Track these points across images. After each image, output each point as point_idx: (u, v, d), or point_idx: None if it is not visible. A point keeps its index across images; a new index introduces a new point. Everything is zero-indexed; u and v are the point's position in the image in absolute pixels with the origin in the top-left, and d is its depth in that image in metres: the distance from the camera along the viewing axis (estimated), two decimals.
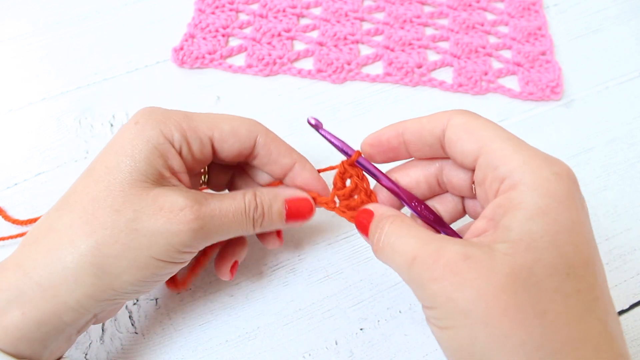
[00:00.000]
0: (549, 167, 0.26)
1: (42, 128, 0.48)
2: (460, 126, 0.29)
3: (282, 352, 0.38)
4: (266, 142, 0.35)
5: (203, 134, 0.33)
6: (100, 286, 0.29)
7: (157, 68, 0.52)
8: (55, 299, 0.29)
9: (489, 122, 0.29)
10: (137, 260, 0.30)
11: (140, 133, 0.31)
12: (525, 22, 0.57)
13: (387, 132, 0.33)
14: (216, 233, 0.32)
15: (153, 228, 0.30)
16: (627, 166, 0.48)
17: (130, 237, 0.30)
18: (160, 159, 0.31)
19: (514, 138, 0.28)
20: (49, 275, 0.29)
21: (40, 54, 0.53)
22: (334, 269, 0.42)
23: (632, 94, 0.53)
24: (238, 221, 0.33)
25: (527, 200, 0.25)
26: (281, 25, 0.55)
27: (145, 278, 0.31)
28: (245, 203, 0.33)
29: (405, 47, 0.55)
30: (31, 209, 0.43)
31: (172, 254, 0.30)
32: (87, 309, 0.30)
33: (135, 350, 0.38)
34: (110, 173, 0.31)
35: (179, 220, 0.30)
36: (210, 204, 0.32)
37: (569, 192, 0.25)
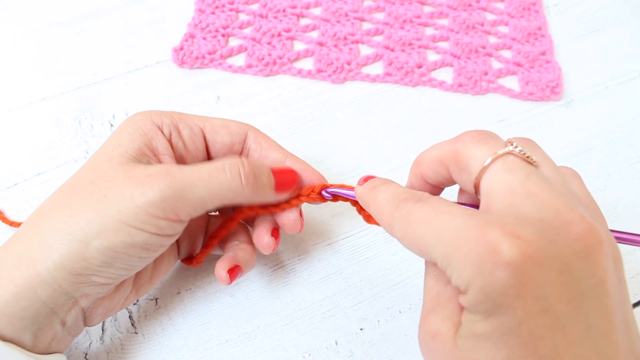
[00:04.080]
0: (480, 267, 0.22)
1: (42, 128, 0.48)
2: (403, 241, 0.27)
3: (282, 352, 0.38)
4: (257, 137, 0.37)
5: (194, 124, 0.36)
6: (70, 254, 0.29)
7: (157, 68, 0.53)
8: (29, 269, 0.29)
9: (419, 225, 0.26)
10: (106, 225, 0.30)
11: (130, 121, 0.34)
12: (525, 22, 0.58)
13: (363, 199, 0.32)
14: (191, 193, 0.31)
15: (121, 193, 0.30)
16: (627, 166, 0.48)
17: (100, 203, 0.30)
18: (142, 137, 0.33)
19: (446, 231, 0.24)
20: (26, 246, 0.30)
21: (40, 54, 0.53)
22: (334, 269, 0.42)
23: (632, 94, 0.53)
24: (216, 178, 0.32)
25: (470, 308, 0.23)
26: (281, 25, 0.55)
27: (116, 247, 0.30)
28: (225, 164, 0.33)
29: (405, 47, 0.55)
30: (31, 209, 0.43)
31: (142, 217, 0.30)
32: (61, 284, 0.30)
33: (135, 350, 0.38)
34: (96, 154, 0.33)
35: (146, 184, 0.31)
36: (183, 167, 0.32)
37: (507, 290, 0.22)
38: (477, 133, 0.27)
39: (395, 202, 0.28)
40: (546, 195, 0.24)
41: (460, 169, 0.27)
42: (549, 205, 0.24)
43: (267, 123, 0.49)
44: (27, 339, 0.30)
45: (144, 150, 0.33)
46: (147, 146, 0.33)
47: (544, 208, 0.23)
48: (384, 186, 0.30)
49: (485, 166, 0.25)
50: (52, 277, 0.29)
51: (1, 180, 0.45)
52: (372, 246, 0.43)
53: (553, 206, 0.24)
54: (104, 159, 0.32)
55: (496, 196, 0.25)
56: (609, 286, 0.23)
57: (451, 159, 0.28)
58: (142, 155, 0.33)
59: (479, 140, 0.27)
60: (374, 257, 0.42)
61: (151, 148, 0.34)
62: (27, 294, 0.29)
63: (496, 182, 0.25)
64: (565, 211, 0.23)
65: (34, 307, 0.30)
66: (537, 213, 0.23)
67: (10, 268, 0.30)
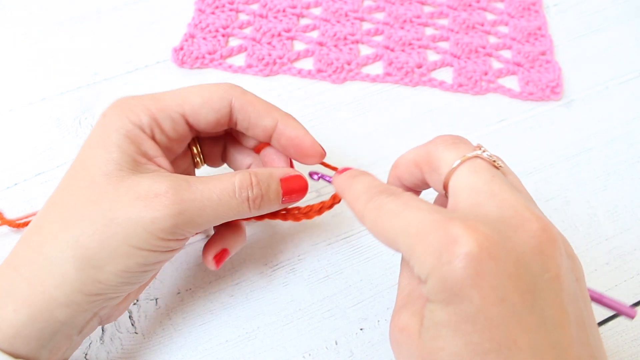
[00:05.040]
0: (440, 256, 0.23)
1: (42, 128, 0.48)
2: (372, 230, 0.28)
3: (282, 352, 0.38)
4: (242, 105, 0.34)
5: (173, 112, 0.33)
6: (85, 279, 0.29)
7: (157, 68, 0.52)
8: (44, 294, 0.29)
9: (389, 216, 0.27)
10: (117, 250, 0.29)
11: (109, 124, 0.32)
12: (525, 22, 0.58)
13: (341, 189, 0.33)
14: (201, 217, 0.31)
15: (129, 216, 0.29)
16: (627, 166, 0.48)
17: (107, 228, 0.29)
18: (132, 145, 0.31)
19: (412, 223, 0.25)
20: (36, 272, 0.29)
21: (40, 54, 0.53)
22: (334, 269, 0.42)
23: (632, 94, 0.53)
24: (226, 203, 0.31)
25: (430, 297, 0.24)
26: (281, 25, 0.55)
27: (130, 268, 0.30)
28: (235, 184, 0.32)
29: (405, 47, 0.55)
30: (31, 209, 0.43)
31: (152, 241, 0.30)
32: (79, 304, 0.30)
33: (135, 350, 0.38)
34: (85, 167, 0.31)
35: (155, 207, 0.29)
36: (191, 186, 0.31)
37: (464, 278, 0.23)
38: (449, 137, 0.29)
39: (369, 194, 0.29)
40: (507, 196, 0.26)
41: (431, 170, 0.29)
42: (509, 205, 0.25)
43: None
44: (42, 356, 0.30)
45: (138, 158, 0.31)
46: (138, 154, 0.31)
47: (504, 207, 0.25)
48: (360, 177, 0.31)
49: (453, 167, 0.27)
50: (70, 300, 0.29)
51: (1, 180, 0.45)
52: (372, 246, 0.43)
53: (512, 205, 0.25)
54: (99, 173, 0.30)
55: (462, 195, 0.27)
56: (563, 280, 0.24)
57: (424, 161, 0.29)
58: (137, 164, 0.31)
59: (450, 143, 0.29)
60: (374, 257, 0.42)
61: (143, 154, 0.32)
62: (44, 316, 0.29)
63: (462, 183, 0.27)
64: (523, 210, 0.25)
65: (51, 328, 0.29)
66: (498, 211, 0.25)
67: (24, 290, 0.29)
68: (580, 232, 0.44)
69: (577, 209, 0.46)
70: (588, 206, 0.46)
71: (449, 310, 0.23)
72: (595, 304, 0.28)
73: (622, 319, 0.41)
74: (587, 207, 0.46)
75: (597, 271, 0.42)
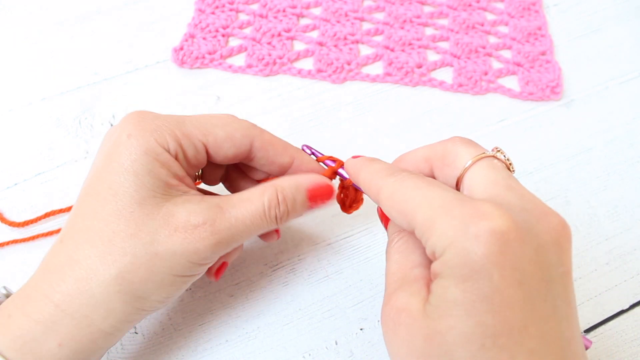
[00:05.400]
0: (467, 230, 0.23)
1: (42, 128, 0.48)
2: (388, 202, 0.28)
3: (282, 352, 0.38)
4: (263, 146, 0.35)
5: (197, 141, 0.33)
6: (130, 310, 0.30)
7: (157, 68, 0.52)
8: (90, 327, 0.29)
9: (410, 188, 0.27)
10: (162, 281, 0.30)
11: (137, 146, 0.30)
12: (525, 22, 0.58)
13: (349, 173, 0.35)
14: (236, 241, 0.32)
15: (172, 249, 0.30)
16: (627, 166, 0.48)
17: (152, 262, 0.30)
18: (164, 169, 0.31)
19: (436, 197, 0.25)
20: (79, 308, 0.29)
21: (40, 54, 0.53)
22: (334, 269, 0.42)
23: (632, 94, 0.53)
24: (257, 225, 0.32)
25: (445, 271, 0.24)
26: (281, 25, 0.55)
27: (172, 294, 0.32)
28: (264, 204, 0.32)
29: (405, 47, 0.55)
30: (31, 209, 0.43)
31: (194, 268, 0.31)
32: (121, 330, 0.31)
33: (135, 350, 0.38)
34: (116, 194, 0.30)
35: (196, 239, 0.30)
36: (225, 213, 0.31)
37: (488, 255, 0.23)
38: (467, 139, 0.30)
39: (390, 170, 0.30)
40: (525, 191, 0.27)
41: (444, 165, 0.30)
42: (529, 199, 0.26)
43: (267, 123, 0.49)
44: None
45: (170, 182, 0.31)
46: (171, 177, 0.31)
47: (524, 199, 0.26)
48: (379, 160, 0.33)
49: (472, 162, 0.28)
50: (115, 329, 0.30)
51: (1, 180, 0.45)
52: (372, 246, 0.43)
53: (532, 199, 0.26)
54: (130, 202, 0.30)
55: (479, 187, 0.27)
56: (571, 277, 0.25)
57: (438, 156, 0.30)
58: (169, 188, 0.31)
59: (468, 142, 0.30)
60: (374, 257, 0.42)
61: (175, 176, 0.32)
62: (88, 347, 0.30)
63: (480, 176, 0.28)
64: (542, 204, 0.26)
65: (92, 354, 0.30)
66: (519, 202, 0.25)
67: (68, 326, 0.29)
68: (580, 232, 0.44)
69: (577, 209, 0.46)
70: (588, 206, 0.46)
71: (464, 287, 0.23)
72: None
73: (622, 319, 0.41)
74: (587, 207, 0.46)
75: (597, 271, 0.42)
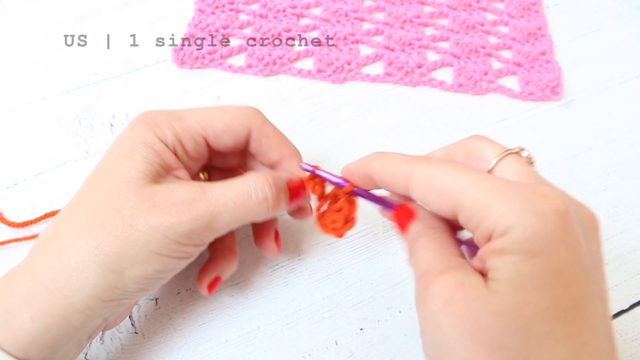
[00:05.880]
0: (532, 207, 0.24)
1: (42, 128, 0.48)
2: (422, 187, 0.28)
3: (282, 352, 0.38)
4: (258, 136, 0.36)
5: (196, 134, 0.34)
6: (104, 285, 0.30)
7: (157, 68, 0.52)
8: (62, 301, 0.29)
9: (449, 171, 0.27)
10: (137, 256, 0.30)
11: (137, 136, 0.33)
12: (525, 22, 0.57)
13: (357, 171, 0.33)
14: (217, 222, 0.31)
15: (148, 223, 0.30)
16: (627, 166, 0.48)
17: (128, 234, 0.30)
18: (157, 158, 0.32)
19: (484, 180, 0.26)
20: (54, 278, 0.29)
21: (40, 54, 0.53)
22: (334, 269, 0.42)
23: (632, 94, 0.53)
24: (242, 206, 0.32)
25: (513, 247, 0.24)
26: (281, 25, 0.55)
27: (148, 274, 0.31)
28: (250, 186, 0.32)
29: (405, 47, 0.55)
30: (31, 209, 0.43)
31: (171, 247, 0.30)
32: (94, 310, 0.30)
33: (135, 350, 0.38)
34: (110, 174, 0.32)
35: (172, 214, 0.30)
36: (206, 193, 0.32)
37: (555, 232, 0.24)
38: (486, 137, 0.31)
39: (417, 157, 0.30)
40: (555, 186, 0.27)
41: (469, 160, 0.30)
42: (562, 191, 0.27)
43: None
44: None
45: (160, 171, 0.32)
46: (161, 166, 0.32)
47: (559, 191, 0.26)
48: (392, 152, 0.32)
49: (501, 157, 0.28)
50: (86, 307, 0.30)
51: (1, 180, 0.45)
52: (372, 246, 0.43)
53: (565, 192, 0.27)
54: (120, 180, 0.31)
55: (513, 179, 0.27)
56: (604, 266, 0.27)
57: (462, 153, 0.30)
58: (159, 176, 0.32)
59: (490, 140, 0.30)
60: (374, 257, 0.42)
61: (165, 167, 0.33)
62: (60, 324, 0.29)
63: (510, 170, 0.28)
64: (575, 198, 0.27)
65: (66, 335, 0.30)
66: (556, 192, 0.26)
67: (41, 297, 0.29)
68: None
69: None
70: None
71: (535, 262, 0.24)
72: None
73: (622, 319, 0.41)
74: None
75: None
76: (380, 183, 0.31)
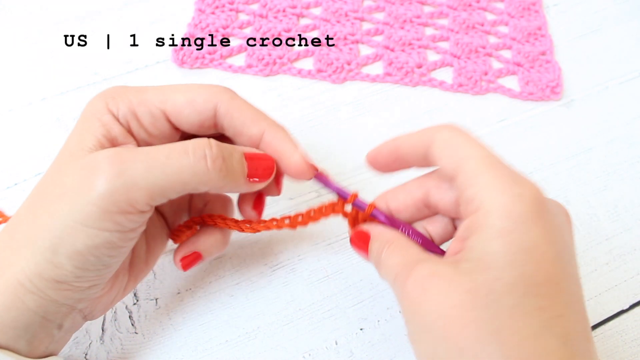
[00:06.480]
0: (511, 188, 0.26)
1: (42, 128, 0.48)
2: (443, 144, 0.29)
3: (282, 352, 0.38)
4: (228, 111, 0.32)
5: (154, 107, 0.31)
6: (40, 262, 0.28)
7: (157, 68, 0.52)
8: (11, 280, 0.28)
9: (469, 139, 0.29)
10: (65, 229, 0.27)
11: (89, 109, 0.32)
12: (525, 22, 0.58)
13: (384, 149, 0.33)
14: (146, 180, 0.28)
15: (73, 189, 0.28)
16: (627, 166, 0.48)
17: (56, 204, 0.28)
18: (102, 128, 0.30)
19: (488, 157, 0.28)
20: (7, 257, 0.29)
21: (40, 54, 0.53)
22: (334, 269, 0.42)
23: (632, 94, 0.53)
24: (176, 162, 0.28)
25: (488, 222, 0.26)
26: (281, 25, 0.55)
27: (80, 250, 0.28)
28: (189, 144, 0.29)
29: (405, 47, 0.55)
30: None
31: (96, 216, 0.27)
32: (43, 291, 0.28)
33: (135, 350, 0.38)
34: (62, 151, 0.31)
35: (94, 173, 0.27)
36: (135, 149, 0.29)
37: (530, 213, 0.25)
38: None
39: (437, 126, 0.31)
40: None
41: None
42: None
43: None
44: (21, 347, 0.29)
45: (102, 141, 0.30)
46: (104, 137, 0.30)
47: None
48: None
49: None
50: (34, 286, 0.28)
51: (1, 180, 0.45)
52: None
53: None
54: (66, 154, 0.30)
55: None
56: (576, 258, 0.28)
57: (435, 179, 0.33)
58: (100, 147, 0.30)
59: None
60: None
61: (109, 138, 0.30)
62: (15, 303, 0.28)
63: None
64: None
65: (24, 317, 0.28)
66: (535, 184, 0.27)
67: None
68: (580, 232, 0.44)
69: (577, 209, 0.46)
70: (588, 206, 0.46)
71: (506, 240, 0.25)
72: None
73: (622, 319, 0.41)
74: (587, 207, 0.46)
75: (597, 271, 0.42)
76: (405, 151, 0.32)
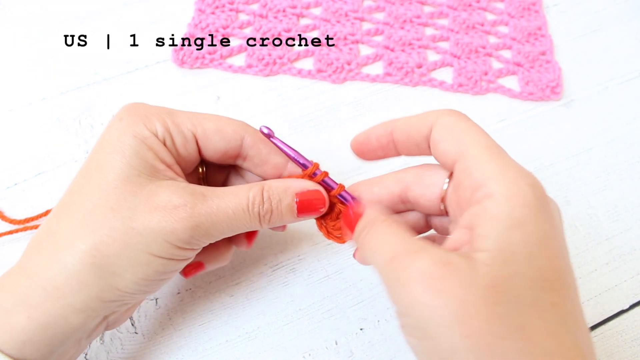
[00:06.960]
0: (522, 178, 0.26)
1: (42, 128, 0.48)
2: (446, 127, 0.29)
3: (282, 352, 0.38)
4: (255, 142, 0.35)
5: (186, 129, 0.33)
6: (103, 286, 0.29)
7: (157, 68, 0.52)
8: (60, 301, 0.29)
9: (474, 126, 0.29)
10: (137, 258, 0.30)
11: (126, 128, 0.32)
12: (525, 22, 0.57)
13: (377, 130, 0.33)
14: (216, 230, 0.32)
15: (149, 226, 0.29)
16: (627, 166, 0.48)
17: (128, 236, 0.29)
18: (150, 152, 0.31)
19: (494, 146, 0.28)
20: (52, 278, 0.29)
21: (40, 54, 0.53)
22: (334, 269, 0.42)
23: (632, 94, 0.53)
24: (240, 218, 0.32)
25: (504, 210, 0.25)
26: (281, 25, 0.55)
27: (149, 276, 0.30)
28: (249, 199, 0.32)
29: (405, 47, 0.55)
30: (31, 209, 0.43)
31: (171, 250, 0.30)
32: (95, 310, 0.30)
33: (135, 350, 0.38)
34: (102, 171, 0.31)
35: (174, 219, 0.30)
36: (207, 200, 0.31)
37: (541, 204, 0.25)
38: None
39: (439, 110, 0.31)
40: None
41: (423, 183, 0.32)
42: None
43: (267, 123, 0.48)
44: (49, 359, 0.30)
45: (156, 165, 0.32)
46: (158, 160, 0.32)
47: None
48: None
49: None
50: (86, 307, 0.29)
51: (1, 180, 0.45)
52: None
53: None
54: (117, 179, 0.30)
55: None
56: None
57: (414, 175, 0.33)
58: (155, 171, 0.31)
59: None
60: None
61: (162, 160, 0.32)
62: (58, 322, 0.29)
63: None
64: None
65: (63, 334, 0.29)
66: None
67: (39, 297, 0.29)
68: (580, 232, 0.44)
69: (577, 209, 0.46)
70: (588, 206, 0.46)
71: (524, 230, 0.25)
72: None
73: (622, 319, 0.41)
74: (587, 207, 0.46)
75: (597, 271, 0.42)
76: (401, 132, 0.32)
